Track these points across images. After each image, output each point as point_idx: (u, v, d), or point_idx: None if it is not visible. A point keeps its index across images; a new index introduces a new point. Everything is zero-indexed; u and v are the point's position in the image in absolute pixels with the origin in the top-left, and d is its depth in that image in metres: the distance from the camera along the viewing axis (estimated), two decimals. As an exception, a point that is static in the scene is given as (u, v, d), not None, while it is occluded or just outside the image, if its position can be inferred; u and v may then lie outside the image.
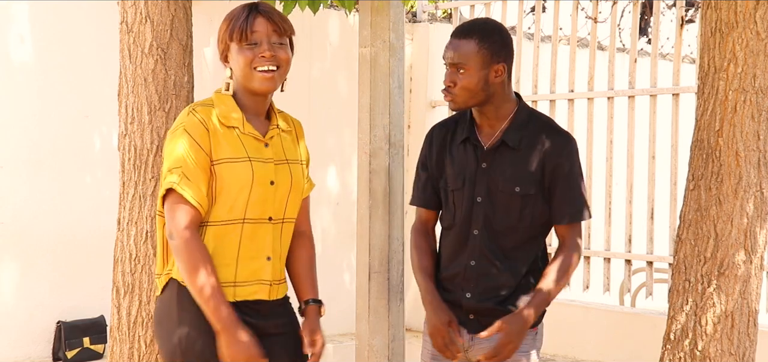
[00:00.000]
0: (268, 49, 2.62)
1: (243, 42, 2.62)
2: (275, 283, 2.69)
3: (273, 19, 2.65)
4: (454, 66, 2.90)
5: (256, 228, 2.64)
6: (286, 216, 2.71)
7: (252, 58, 2.62)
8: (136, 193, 3.49)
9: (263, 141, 2.67)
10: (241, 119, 2.65)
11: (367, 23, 3.91)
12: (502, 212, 2.91)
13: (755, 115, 3.09)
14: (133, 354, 3.48)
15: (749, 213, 3.10)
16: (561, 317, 4.08)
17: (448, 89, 2.91)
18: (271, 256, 2.66)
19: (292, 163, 2.73)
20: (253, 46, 2.62)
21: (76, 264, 5.39)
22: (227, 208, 2.61)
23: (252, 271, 2.64)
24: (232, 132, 2.63)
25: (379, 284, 3.87)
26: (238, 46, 2.63)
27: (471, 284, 2.93)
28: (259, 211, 2.64)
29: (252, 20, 2.63)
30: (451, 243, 2.99)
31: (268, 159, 2.67)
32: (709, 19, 3.17)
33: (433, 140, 3.07)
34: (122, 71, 3.54)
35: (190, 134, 2.59)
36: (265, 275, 2.66)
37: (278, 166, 2.68)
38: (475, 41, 2.88)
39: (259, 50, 2.62)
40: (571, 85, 5.98)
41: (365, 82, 3.92)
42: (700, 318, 3.12)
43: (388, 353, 3.89)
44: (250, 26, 2.62)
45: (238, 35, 2.62)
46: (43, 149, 5.30)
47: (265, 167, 2.65)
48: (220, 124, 2.62)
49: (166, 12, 3.49)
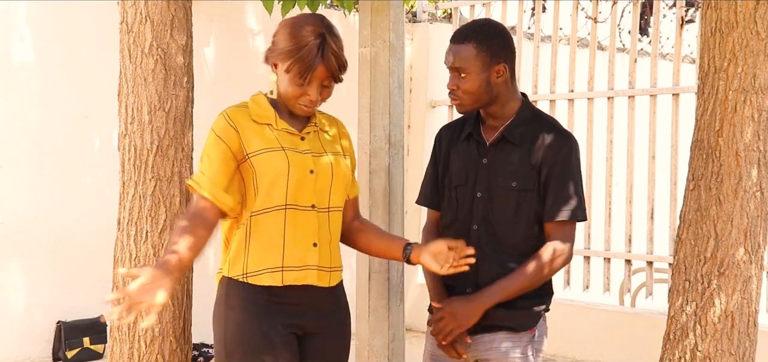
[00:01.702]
0: (317, 93, 2.71)
1: (298, 78, 2.67)
2: (325, 270, 2.76)
3: (333, 66, 2.68)
4: (456, 70, 2.91)
5: (299, 215, 2.72)
6: (332, 205, 2.78)
7: (300, 94, 2.70)
8: (136, 193, 3.49)
9: (299, 135, 2.76)
10: (274, 117, 2.75)
11: (367, 23, 3.91)
12: (500, 207, 2.92)
13: (755, 115, 3.09)
14: (133, 354, 3.48)
15: (749, 213, 3.10)
16: (561, 317, 4.07)
17: (453, 93, 2.93)
18: (317, 242, 2.74)
19: (332, 154, 2.80)
20: (305, 84, 2.68)
21: (76, 264, 5.39)
22: (269, 196, 2.71)
23: (299, 257, 2.72)
24: (265, 128, 2.73)
25: (379, 284, 3.87)
26: (289, 75, 2.68)
27: (472, 280, 2.94)
28: (300, 198, 2.72)
29: (315, 66, 2.66)
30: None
31: (305, 150, 2.75)
32: (709, 19, 3.17)
33: (441, 140, 3.10)
34: (122, 71, 3.54)
35: (217, 134, 2.72)
36: (311, 260, 2.73)
37: (317, 157, 2.76)
38: (473, 45, 2.89)
39: (308, 90, 2.69)
40: (571, 85, 5.99)
41: (365, 82, 3.92)
42: (700, 318, 3.12)
43: (388, 353, 3.89)
44: (311, 71, 2.66)
45: (297, 72, 2.66)
46: (43, 149, 5.30)
47: (303, 157, 2.73)
48: (253, 122, 2.73)
49: (166, 12, 3.48)
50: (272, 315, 2.70)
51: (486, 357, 2.94)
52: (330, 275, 2.78)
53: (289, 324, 2.72)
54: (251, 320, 2.69)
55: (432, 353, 3.06)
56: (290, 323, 2.72)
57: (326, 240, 2.77)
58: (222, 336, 2.73)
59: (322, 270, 2.75)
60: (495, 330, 2.93)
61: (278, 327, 2.70)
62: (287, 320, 2.72)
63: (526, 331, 2.94)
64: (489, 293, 2.89)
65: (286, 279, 2.71)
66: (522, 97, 3.02)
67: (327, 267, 2.77)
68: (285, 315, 2.72)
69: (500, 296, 2.88)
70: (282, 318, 2.71)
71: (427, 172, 3.14)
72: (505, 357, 2.92)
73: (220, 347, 2.74)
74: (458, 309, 2.90)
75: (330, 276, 2.78)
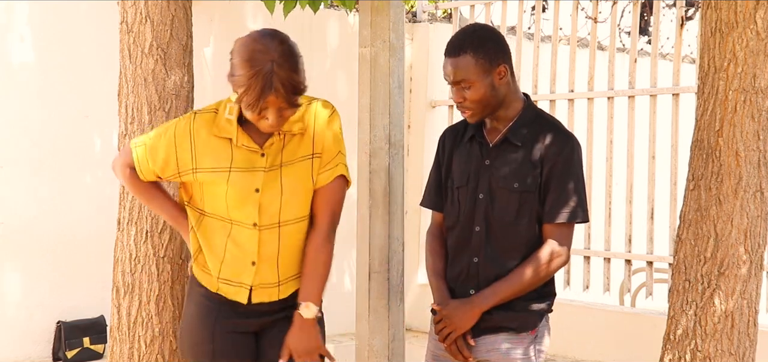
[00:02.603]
0: (275, 118, 2.62)
1: (250, 108, 2.61)
2: (269, 286, 2.77)
3: (283, 96, 2.59)
4: (458, 83, 2.90)
5: (242, 232, 2.73)
6: (283, 219, 2.74)
7: (257, 119, 2.64)
8: (136, 193, 3.49)
9: (259, 151, 2.72)
10: (236, 132, 2.70)
11: (367, 23, 3.91)
12: (501, 209, 2.92)
13: (755, 115, 3.09)
14: (133, 354, 3.48)
15: (749, 213, 3.10)
16: (561, 317, 4.06)
17: (461, 105, 2.92)
18: (256, 261, 2.74)
19: (287, 165, 2.74)
20: (259, 112, 2.62)
21: (76, 264, 5.39)
22: (214, 208, 2.75)
23: (235, 273, 2.76)
24: (223, 143, 2.71)
25: (379, 284, 3.87)
26: (243, 104, 2.62)
27: (474, 281, 2.94)
28: (242, 216, 2.72)
29: (266, 97, 2.57)
30: (455, 241, 3.01)
31: (261, 167, 2.72)
32: (709, 19, 3.16)
33: (445, 142, 3.10)
34: (122, 71, 3.54)
35: (176, 134, 2.75)
36: (246, 279, 2.75)
37: (268, 173, 2.72)
38: (470, 54, 2.88)
39: (265, 115, 2.62)
40: (571, 85, 5.98)
41: (365, 82, 3.92)
42: (700, 318, 3.12)
43: (388, 353, 3.89)
44: (261, 102, 2.58)
45: (248, 104, 2.60)
46: (43, 149, 5.30)
47: (250, 176, 2.70)
48: (213, 136, 2.72)
49: (166, 12, 3.48)
50: (221, 316, 2.78)
51: (488, 358, 2.94)
52: (278, 289, 2.78)
53: (240, 324, 2.79)
54: (201, 318, 2.80)
55: (434, 354, 3.06)
56: (240, 323, 2.79)
57: (271, 255, 2.75)
58: (182, 321, 2.89)
59: (264, 287, 2.77)
60: (496, 331, 2.93)
61: (224, 330, 2.78)
62: (237, 320, 2.78)
63: (527, 332, 2.94)
64: (484, 296, 2.90)
65: (221, 289, 2.78)
66: (524, 97, 3.02)
67: (271, 282, 2.77)
68: (235, 316, 2.78)
69: (496, 299, 2.89)
70: (231, 318, 2.78)
71: (430, 174, 3.14)
72: (507, 357, 2.92)
73: (179, 330, 2.91)
74: (454, 312, 2.91)
75: (278, 290, 2.78)
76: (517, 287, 2.88)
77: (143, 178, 2.83)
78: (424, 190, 3.16)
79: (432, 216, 3.15)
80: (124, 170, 2.87)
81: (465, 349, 2.92)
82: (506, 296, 2.89)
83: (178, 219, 2.90)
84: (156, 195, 2.92)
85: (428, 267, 3.08)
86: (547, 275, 2.91)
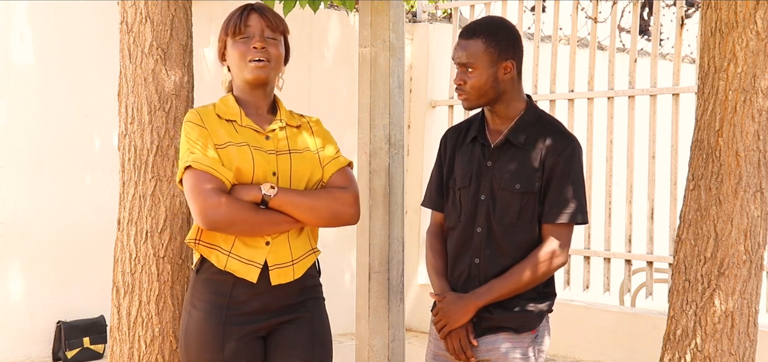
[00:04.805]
0: (260, 41, 2.79)
1: (237, 36, 2.81)
2: (284, 265, 2.77)
3: (266, 16, 2.84)
4: (463, 66, 2.93)
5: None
6: None
7: (245, 50, 2.79)
8: (136, 193, 3.49)
9: (263, 133, 2.80)
10: (239, 113, 2.81)
11: (367, 23, 3.91)
12: (503, 209, 2.92)
13: (755, 115, 3.09)
14: (133, 354, 3.48)
15: (749, 213, 3.10)
16: (561, 317, 4.07)
17: (460, 87, 2.95)
18: (269, 241, 2.75)
19: (295, 152, 2.81)
20: (247, 39, 2.80)
21: (76, 264, 5.39)
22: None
23: (248, 251, 2.76)
24: (230, 124, 2.80)
25: (379, 284, 3.87)
26: (232, 41, 2.82)
27: (475, 282, 2.94)
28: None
29: (246, 16, 2.82)
30: (456, 242, 3.01)
31: (269, 150, 2.78)
32: (709, 19, 3.17)
33: (446, 142, 3.11)
34: (122, 71, 3.54)
35: (194, 122, 2.79)
36: (258, 257, 2.75)
37: (280, 156, 2.79)
38: (482, 40, 2.91)
39: (251, 42, 2.79)
40: (571, 85, 5.99)
41: (365, 82, 3.92)
42: (700, 318, 3.12)
43: (388, 353, 3.89)
44: (244, 21, 2.81)
45: (233, 29, 2.81)
46: (43, 149, 5.30)
47: (266, 157, 2.77)
48: (217, 118, 2.80)
49: (166, 12, 3.48)
50: (229, 322, 2.75)
51: (487, 358, 2.94)
52: (293, 269, 2.79)
53: (248, 331, 2.77)
54: (210, 324, 2.76)
55: (434, 354, 3.07)
56: (248, 330, 2.77)
57: (284, 236, 2.78)
58: (184, 329, 2.81)
59: (280, 267, 2.76)
60: (497, 331, 2.93)
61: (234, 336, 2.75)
62: (244, 324, 2.76)
63: (527, 332, 2.94)
64: (480, 293, 2.90)
65: (229, 265, 2.74)
66: (527, 98, 3.02)
67: (286, 261, 2.77)
68: (242, 322, 2.76)
69: (493, 296, 2.89)
70: (241, 324, 2.76)
71: (432, 174, 3.15)
72: (507, 357, 2.92)
73: (182, 339, 2.82)
74: (449, 306, 2.93)
75: (293, 270, 2.79)
76: (514, 285, 2.89)
77: (222, 176, 2.70)
78: (426, 190, 3.17)
79: (432, 216, 3.15)
80: (208, 195, 2.68)
81: (468, 349, 2.93)
82: (503, 294, 2.89)
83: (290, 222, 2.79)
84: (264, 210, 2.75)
85: (429, 265, 3.10)
86: (544, 275, 2.91)
